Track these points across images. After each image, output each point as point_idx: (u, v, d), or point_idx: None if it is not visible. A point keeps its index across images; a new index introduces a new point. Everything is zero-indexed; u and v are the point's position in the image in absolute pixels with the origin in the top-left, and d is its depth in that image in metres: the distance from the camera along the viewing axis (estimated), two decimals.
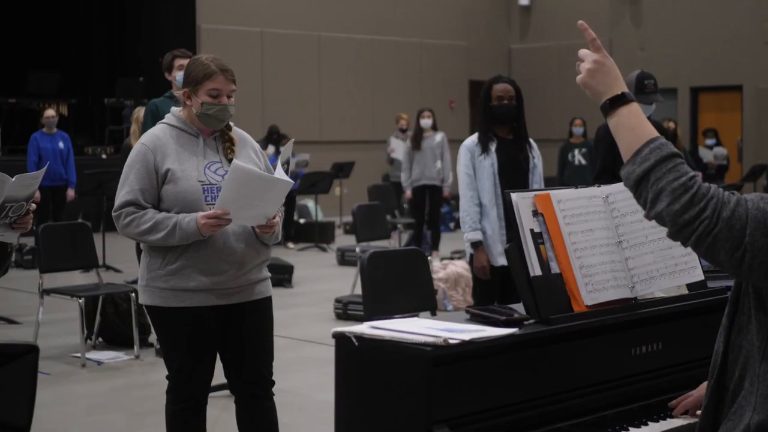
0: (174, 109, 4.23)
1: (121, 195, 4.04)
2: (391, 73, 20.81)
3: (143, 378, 7.16)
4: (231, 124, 4.21)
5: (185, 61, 7.05)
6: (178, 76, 7.06)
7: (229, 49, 17.22)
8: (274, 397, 4.33)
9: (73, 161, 13.00)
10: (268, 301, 4.23)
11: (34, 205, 3.33)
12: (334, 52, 20.13)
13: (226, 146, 4.14)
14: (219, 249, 4.02)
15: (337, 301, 9.38)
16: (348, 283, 10.17)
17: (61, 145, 12.94)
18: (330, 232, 15.42)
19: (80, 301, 7.51)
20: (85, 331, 7.68)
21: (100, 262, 10.16)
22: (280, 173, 3.94)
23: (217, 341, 4.17)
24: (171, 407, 4.21)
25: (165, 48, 18.71)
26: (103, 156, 17.13)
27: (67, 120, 16.83)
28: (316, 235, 14.88)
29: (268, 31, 19.26)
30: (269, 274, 4.27)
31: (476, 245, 6.10)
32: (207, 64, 4.09)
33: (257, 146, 4.32)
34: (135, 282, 10.30)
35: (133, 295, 7.75)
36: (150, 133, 4.15)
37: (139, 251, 10.89)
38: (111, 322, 7.99)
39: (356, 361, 2.67)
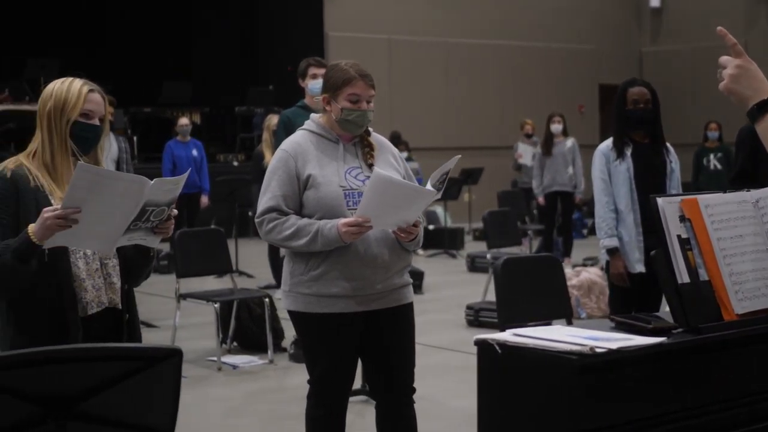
0: (314, 115, 4.25)
1: (264, 201, 4.08)
2: (519, 78, 20.66)
3: (278, 382, 7.23)
4: (370, 129, 4.21)
5: (318, 71, 7.09)
6: (311, 84, 7.11)
7: (357, 57, 17.07)
8: None
9: (207, 168, 13.23)
10: (409, 306, 4.22)
11: (175, 211, 3.36)
12: (461, 58, 20.08)
13: (366, 151, 4.14)
14: (361, 255, 4.02)
15: (469, 307, 9.34)
16: (478, 289, 10.11)
17: (194, 152, 13.18)
18: (459, 239, 15.37)
19: (216, 305, 7.62)
20: (220, 335, 7.79)
21: (233, 268, 10.30)
22: (432, 182, 3.91)
23: (359, 347, 4.17)
24: (311, 412, 4.22)
25: (294, 57, 18.98)
26: (235, 163, 17.41)
27: (200, 128, 17.16)
28: (446, 241, 14.85)
29: (396, 38, 19.32)
30: (411, 280, 4.25)
31: (612, 252, 5.95)
32: (346, 70, 4.10)
33: (396, 152, 4.30)
34: (268, 287, 10.45)
35: (267, 300, 7.84)
36: (291, 140, 4.18)
37: (271, 257, 11.08)
38: (245, 326, 8.08)
39: (499, 369, 2.63)
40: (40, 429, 2.52)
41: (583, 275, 9.62)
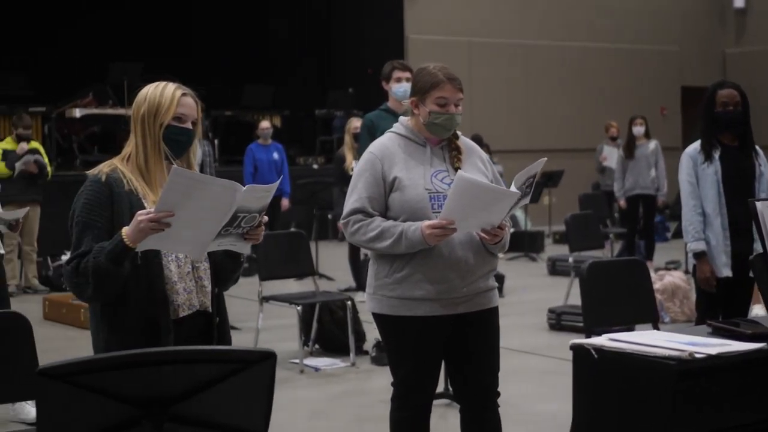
0: (402, 118, 4.26)
1: (350, 203, 4.09)
2: (600, 80, 20.47)
3: (360, 385, 7.25)
4: (458, 133, 4.20)
5: (403, 74, 7.10)
6: (395, 87, 7.12)
7: (437, 60, 17.10)
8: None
9: (287, 171, 13.30)
10: (495, 310, 4.21)
11: (266, 218, 3.38)
12: (541, 60, 19.95)
13: (453, 155, 4.13)
14: (445, 258, 4.01)
15: (551, 311, 9.28)
16: (559, 293, 10.04)
17: (275, 155, 13.27)
18: (539, 242, 15.29)
19: (298, 308, 7.66)
20: (302, 338, 7.83)
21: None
22: (517, 184, 3.87)
23: (443, 350, 4.16)
24: (396, 414, 4.22)
25: (374, 59, 18.99)
26: (315, 166, 17.48)
27: (280, 131, 17.25)
28: (526, 244, 14.77)
29: (476, 41, 19.26)
30: (496, 284, 4.23)
31: (699, 256, 5.88)
32: (435, 73, 4.10)
33: (485, 155, 4.29)
34: (348, 290, 10.47)
35: (349, 303, 7.85)
36: (378, 142, 4.19)
37: (352, 260, 11.11)
38: (327, 329, 8.11)
39: (595, 373, 2.61)
40: (136, 430, 2.56)
41: (666, 279, 9.50)
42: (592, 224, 10.43)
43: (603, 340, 2.61)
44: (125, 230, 3.20)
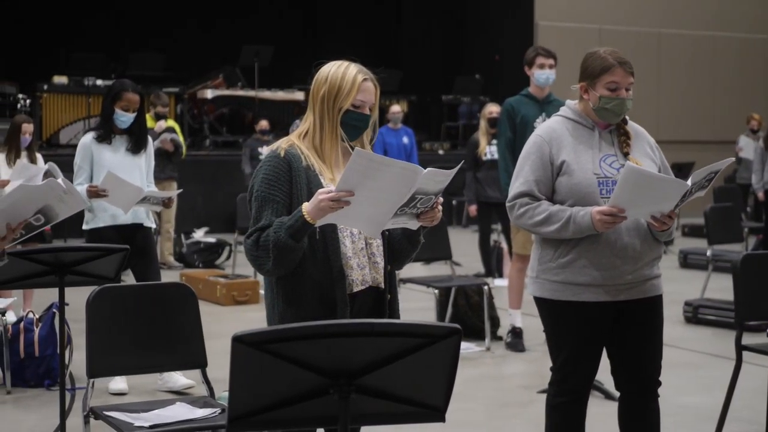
0: (569, 101, 4.22)
1: (516, 186, 4.08)
2: (733, 71, 20.03)
3: (496, 370, 7.24)
4: (626, 117, 4.15)
5: (546, 60, 7.14)
6: (537, 73, 7.16)
7: (567, 47, 17.00)
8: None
9: (417, 156, 13.34)
10: (659, 299, 4.15)
11: (441, 199, 3.40)
12: (673, 49, 19.62)
13: (622, 140, 4.08)
14: (612, 244, 3.97)
15: (687, 304, 9.14)
16: (691, 286, 9.89)
17: (405, 140, 13.31)
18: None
19: (436, 291, 7.68)
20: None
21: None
22: (695, 178, 3.81)
23: (605, 337, 4.13)
24: (553, 399, 4.20)
25: (503, 46, 18.87)
26: (440, 152, 17.50)
27: (406, 116, 17.31)
28: None
29: (606, 28, 19.03)
30: (661, 272, 4.18)
31: None
32: (605, 57, 4.04)
33: (653, 141, 4.24)
34: (477, 276, 10.46)
35: (486, 288, 7.85)
36: (546, 125, 4.17)
37: (482, 246, 11.05)
38: (462, 313, 8.11)
39: None
40: (324, 399, 2.60)
41: None
42: (731, 217, 10.21)
43: None
44: (305, 206, 3.24)
